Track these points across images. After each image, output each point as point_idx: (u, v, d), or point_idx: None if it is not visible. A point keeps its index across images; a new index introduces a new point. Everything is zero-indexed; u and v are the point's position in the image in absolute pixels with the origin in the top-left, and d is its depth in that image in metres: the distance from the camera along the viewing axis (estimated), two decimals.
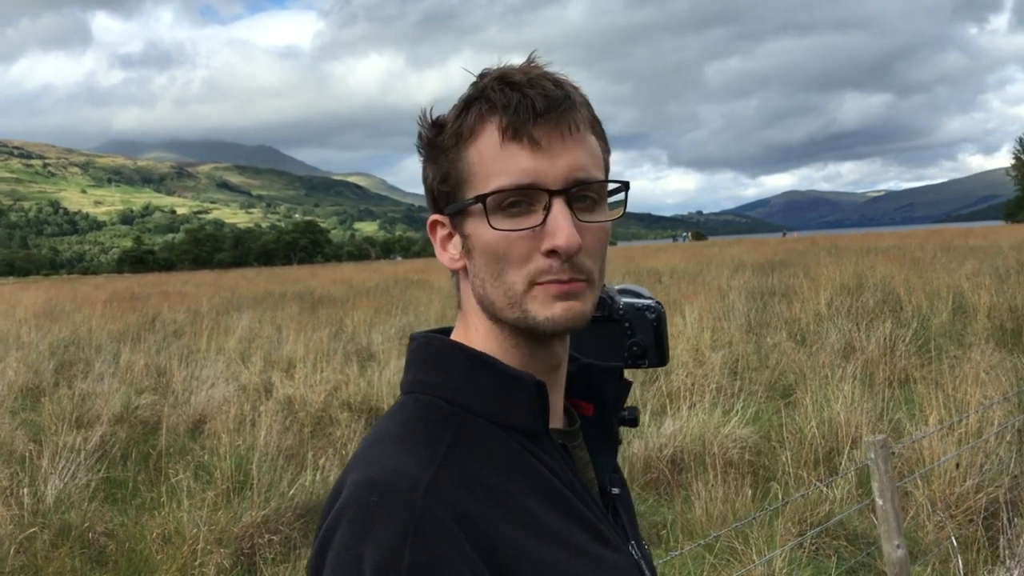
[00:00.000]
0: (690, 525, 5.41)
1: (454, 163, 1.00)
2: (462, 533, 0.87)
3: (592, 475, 1.10)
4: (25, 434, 8.85)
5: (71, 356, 15.19)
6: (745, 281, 19.99)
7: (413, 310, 18.36)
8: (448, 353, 1.03)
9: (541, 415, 1.00)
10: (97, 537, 5.96)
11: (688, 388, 8.48)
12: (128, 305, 26.10)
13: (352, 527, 0.87)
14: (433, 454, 0.93)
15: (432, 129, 1.03)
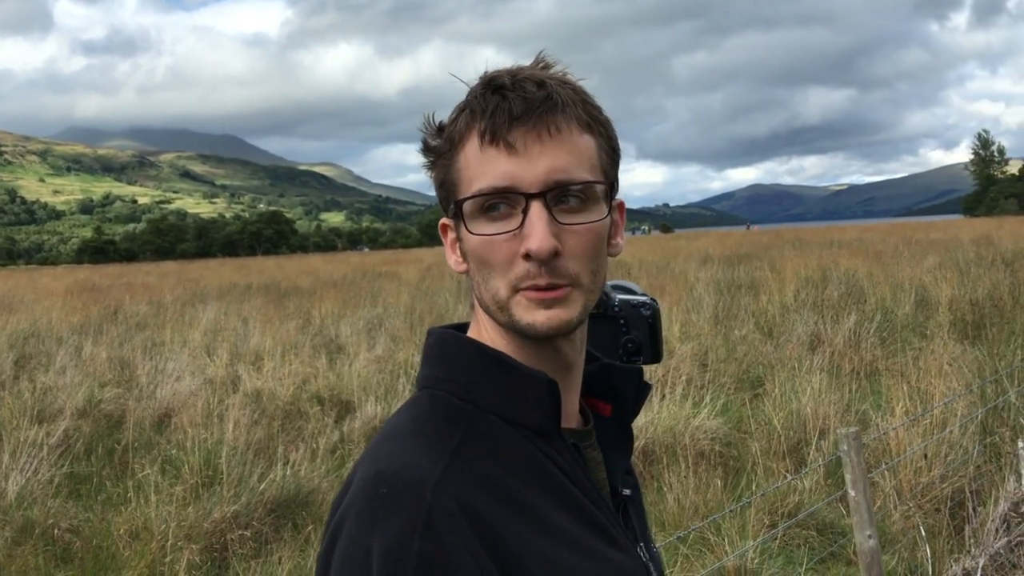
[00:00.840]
0: (662, 516, 5.44)
1: (448, 168, 1.01)
2: (470, 527, 0.88)
3: (603, 475, 1.10)
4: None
5: (31, 349, 14.95)
6: (712, 274, 20.11)
7: (382, 302, 18.28)
8: (463, 350, 1.04)
9: (553, 414, 1.00)
10: (62, 534, 5.87)
11: (659, 380, 8.52)
12: (89, 296, 25.76)
13: (361, 519, 0.88)
14: (444, 449, 0.94)
15: (434, 134, 1.04)
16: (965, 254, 20.19)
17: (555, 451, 1.00)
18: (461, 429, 0.96)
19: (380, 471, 0.91)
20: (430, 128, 1.04)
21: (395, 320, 14.99)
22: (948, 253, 21.23)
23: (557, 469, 0.99)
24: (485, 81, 1.00)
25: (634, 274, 21.33)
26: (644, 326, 1.28)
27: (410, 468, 0.90)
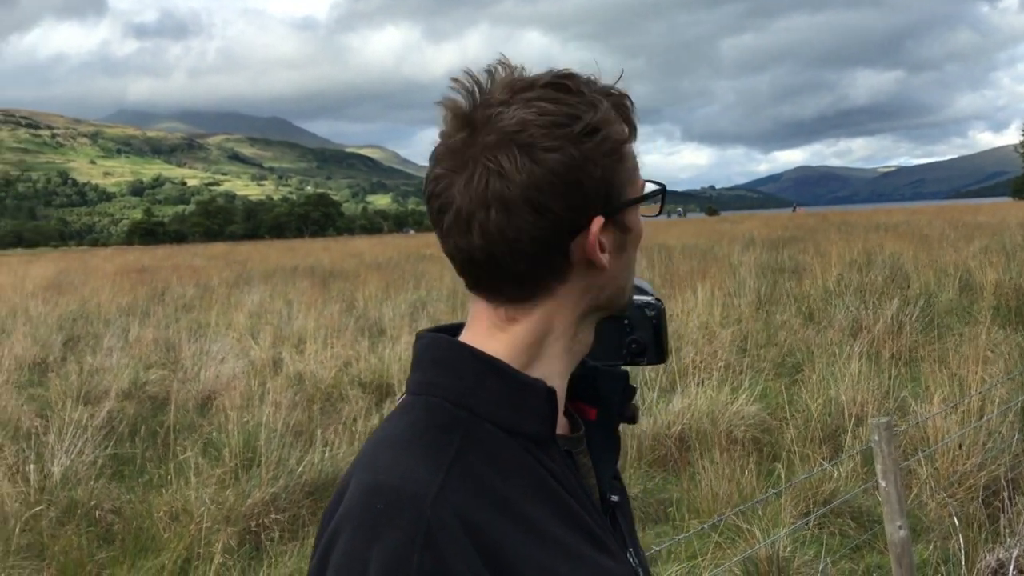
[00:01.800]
0: (696, 503, 5.43)
1: (628, 159, 1.02)
2: (469, 540, 0.87)
3: (594, 482, 1.09)
4: (32, 410, 8.91)
5: (79, 330, 15.27)
6: (756, 257, 19.94)
7: (425, 285, 18.37)
8: (456, 355, 1.01)
9: (550, 422, 1.00)
10: (104, 515, 6.00)
11: (697, 365, 8.48)
12: (138, 278, 26.22)
13: (358, 532, 0.87)
14: (441, 460, 0.92)
15: (604, 129, 0.99)
16: (1012, 237, 19.80)
17: (550, 459, 1.00)
18: (458, 438, 0.95)
19: (377, 482, 0.90)
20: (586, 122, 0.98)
21: (437, 303, 15.06)
22: (995, 237, 20.84)
23: (552, 477, 0.99)
24: (607, 86, 1.03)
25: (676, 258, 21.19)
26: (648, 326, 1.27)
27: (408, 480, 0.89)
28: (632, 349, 1.27)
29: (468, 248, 0.97)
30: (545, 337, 1.02)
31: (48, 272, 33.23)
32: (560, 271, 1.00)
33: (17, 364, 11.94)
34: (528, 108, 0.95)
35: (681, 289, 13.44)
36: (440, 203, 0.98)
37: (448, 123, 0.98)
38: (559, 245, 0.97)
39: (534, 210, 0.94)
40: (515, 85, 0.98)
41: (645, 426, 6.56)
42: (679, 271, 16.83)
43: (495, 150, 0.94)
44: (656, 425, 6.57)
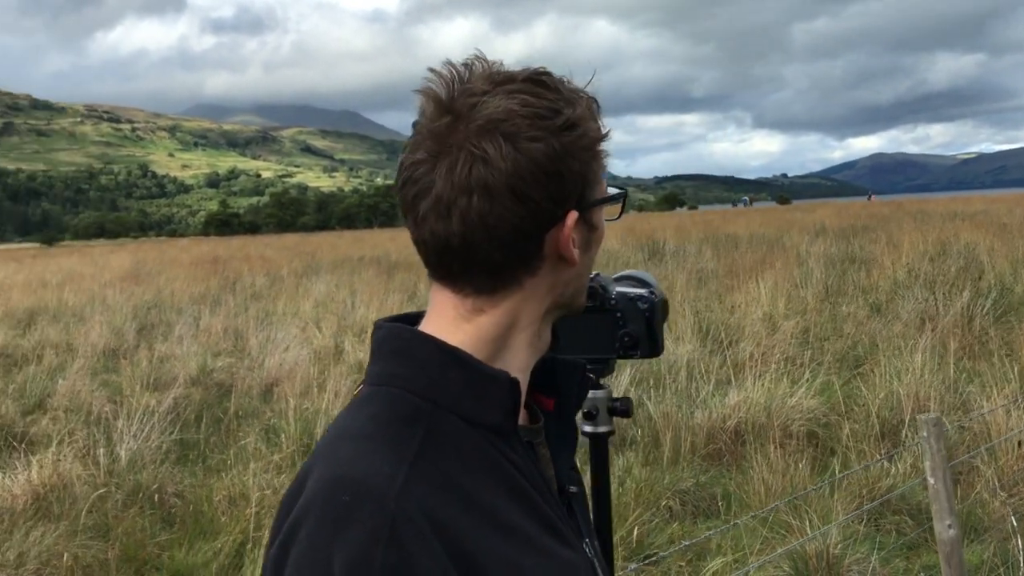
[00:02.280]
0: (747, 498, 5.37)
1: (600, 159, 1.04)
2: (434, 535, 0.87)
3: (552, 472, 1.09)
4: (104, 395, 9.18)
5: (153, 318, 15.68)
6: (825, 247, 19.56)
7: None
8: (418, 346, 1.00)
9: (512, 413, 0.99)
10: (167, 498, 6.16)
11: (757, 358, 8.36)
12: (211, 268, 26.77)
13: (321, 526, 0.86)
14: (405, 452, 0.92)
15: (583, 125, 1.01)
16: None
17: (512, 450, 1.00)
18: (421, 430, 0.94)
19: (341, 475, 0.89)
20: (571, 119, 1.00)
21: None
22: None
23: (514, 469, 0.99)
24: (578, 87, 1.04)
25: (742, 248, 20.91)
26: (641, 320, 1.27)
27: (372, 474, 0.89)
28: (625, 343, 1.27)
29: (445, 234, 0.96)
30: (510, 330, 1.02)
31: (126, 262, 34.14)
32: (532, 264, 1.00)
33: (93, 351, 12.33)
34: (511, 99, 0.96)
35: (745, 280, 13.26)
36: (418, 189, 0.97)
37: (428, 110, 0.98)
38: (535, 236, 0.98)
39: (516, 198, 0.95)
40: (495, 78, 0.99)
41: (700, 419, 6.50)
42: (743, 261, 16.60)
43: (479, 137, 0.94)
44: (711, 419, 6.51)
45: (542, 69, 1.02)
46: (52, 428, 7.80)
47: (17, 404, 8.78)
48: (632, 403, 1.34)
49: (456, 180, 0.95)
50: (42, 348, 12.68)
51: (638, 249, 22.92)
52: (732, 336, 9.39)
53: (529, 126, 0.95)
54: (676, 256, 20.50)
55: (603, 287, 1.28)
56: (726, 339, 9.15)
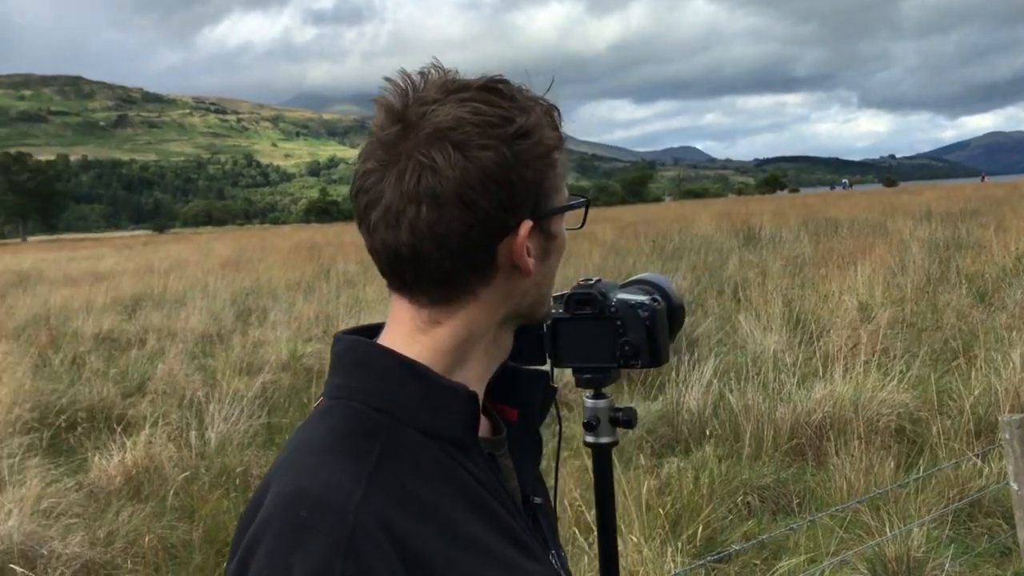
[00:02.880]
0: (828, 496, 5.22)
1: (557, 166, 1.03)
2: (392, 548, 0.87)
3: (515, 484, 1.08)
4: (200, 379, 9.47)
5: (250, 304, 16.09)
6: (929, 232, 18.86)
7: (573, 262, 18.34)
8: (377, 359, 1.00)
9: (471, 426, 0.99)
10: (252, 481, 6.31)
11: (847, 350, 8.11)
12: (307, 255, 27.36)
13: (279, 541, 0.87)
14: (363, 466, 0.92)
15: (536, 133, 1.00)
16: None
17: (472, 462, 0.99)
18: (379, 443, 0.94)
19: (300, 490, 0.89)
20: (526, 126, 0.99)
21: None
22: None
23: (475, 481, 0.98)
24: (537, 95, 1.03)
25: (843, 233, 20.32)
26: (641, 328, 1.23)
27: (331, 487, 0.89)
28: (625, 352, 1.23)
29: (395, 244, 0.96)
30: (467, 341, 1.01)
31: (229, 249, 35.16)
32: (485, 274, 0.98)
33: (191, 336, 12.74)
34: (463, 107, 0.95)
35: (841, 267, 12.90)
36: (368, 198, 0.97)
37: (380, 119, 0.98)
38: (486, 245, 0.97)
39: (465, 207, 0.94)
40: (448, 86, 0.97)
41: (783, 413, 6.34)
42: (841, 247, 16.14)
43: (428, 146, 0.94)
44: (795, 412, 6.34)
45: (498, 77, 1.00)
46: (148, 411, 8.08)
47: (118, 387, 9.11)
48: (636, 413, 1.30)
49: (405, 189, 0.94)
50: (145, 333, 13.13)
51: (733, 235, 22.53)
52: (823, 326, 9.14)
53: (479, 134, 0.94)
54: (772, 242, 20.07)
55: (603, 294, 1.24)
56: (816, 329, 8.91)
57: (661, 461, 6.09)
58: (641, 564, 4.21)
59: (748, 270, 14.22)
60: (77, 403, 8.13)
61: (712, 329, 9.58)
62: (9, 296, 19.14)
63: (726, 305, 11.54)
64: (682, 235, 23.53)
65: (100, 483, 6.07)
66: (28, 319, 14.53)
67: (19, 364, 8.91)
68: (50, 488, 5.53)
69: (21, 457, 6.11)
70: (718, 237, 22.34)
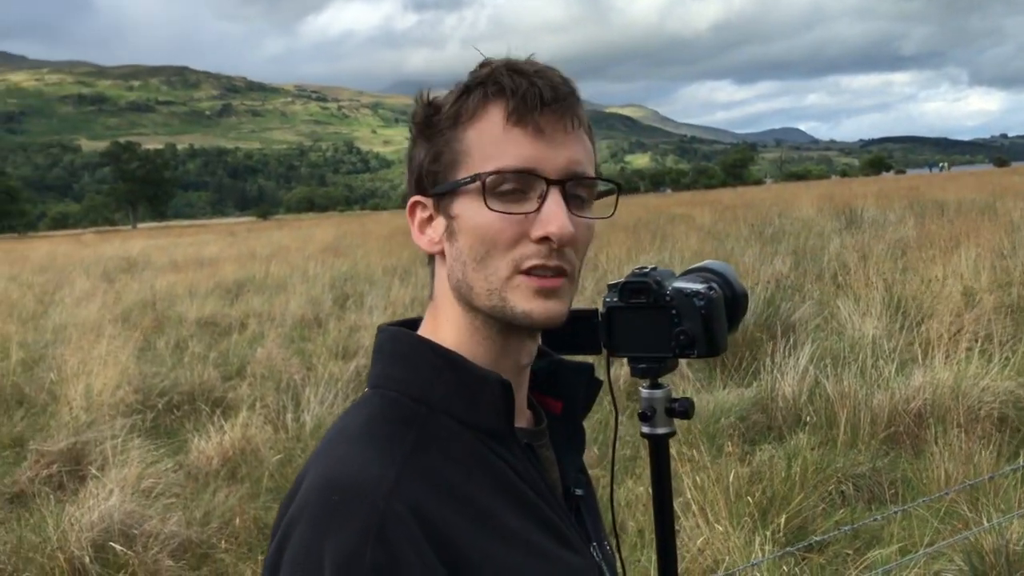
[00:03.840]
0: (925, 485, 5.05)
1: (449, 143, 0.99)
2: (424, 535, 0.87)
3: (557, 476, 1.08)
4: (298, 363, 9.69)
5: (348, 289, 16.39)
6: None
7: (670, 246, 18.14)
8: (414, 349, 1.02)
9: (506, 415, 0.99)
10: None
11: (949, 335, 7.83)
12: (404, 241, 27.66)
13: (312, 526, 0.88)
14: (396, 453, 0.93)
15: (427, 108, 1.03)
16: None
17: (508, 452, 0.99)
18: (414, 432, 0.95)
19: (332, 476, 0.91)
20: (420, 102, 1.04)
21: (680, 266, 14.78)
22: None
23: (511, 471, 0.98)
24: (505, 64, 1.00)
25: (949, 215, 19.58)
26: (697, 317, 1.20)
27: (363, 474, 0.90)
28: (680, 341, 1.21)
29: None
30: (459, 330, 1.04)
31: (329, 235, 35.86)
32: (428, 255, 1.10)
33: (291, 320, 13.06)
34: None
35: (946, 250, 12.44)
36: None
37: None
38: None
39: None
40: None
41: (880, 400, 6.16)
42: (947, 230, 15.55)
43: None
44: (893, 400, 6.15)
45: (483, 61, 1.04)
46: (247, 394, 8.30)
47: (219, 371, 9.39)
48: (693, 404, 1.27)
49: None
50: (246, 317, 13.51)
51: (834, 217, 21.95)
52: (925, 312, 8.83)
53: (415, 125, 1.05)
54: (875, 225, 19.49)
55: (658, 282, 1.22)
56: (917, 315, 8.62)
57: (753, 448, 5.99)
58: (727, 553, 4.15)
59: (849, 254, 13.83)
60: (179, 386, 8.41)
61: (810, 314, 9.35)
62: (118, 281, 19.94)
63: (825, 290, 11.27)
64: (782, 218, 23.05)
65: (198, 464, 6.27)
66: (135, 303, 15.10)
67: (124, 347, 9.25)
68: (150, 469, 5.73)
69: (124, 438, 6.34)
70: (819, 220, 21.80)
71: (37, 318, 14.12)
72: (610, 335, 1.24)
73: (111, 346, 8.91)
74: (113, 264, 26.16)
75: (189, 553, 4.84)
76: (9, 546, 4.85)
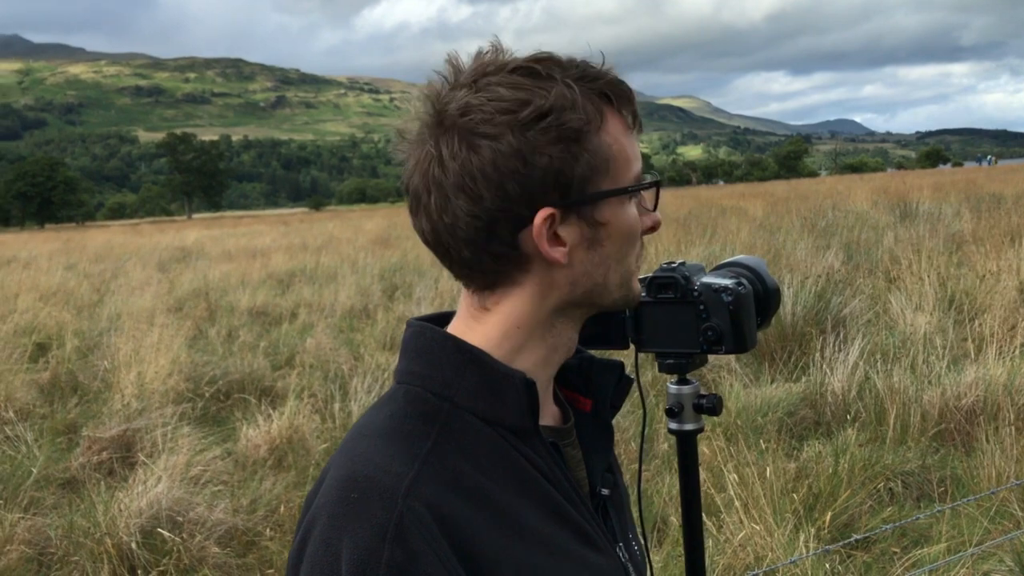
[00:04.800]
0: (975, 484, 4.95)
1: (592, 149, 0.96)
2: (442, 533, 0.87)
3: (583, 474, 1.07)
4: (346, 353, 9.78)
5: (397, 280, 16.49)
6: None
7: (721, 238, 17.97)
8: (439, 345, 1.01)
9: (530, 413, 0.98)
10: None
11: (1005, 331, 7.66)
12: None
13: (331, 523, 0.89)
14: (417, 451, 0.92)
15: (555, 115, 0.94)
16: None
17: (532, 451, 0.98)
18: (436, 429, 0.95)
19: (352, 474, 0.91)
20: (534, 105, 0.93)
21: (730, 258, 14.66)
22: None
23: (534, 469, 0.97)
24: (600, 69, 1.00)
25: (1006, 207, 19.14)
26: (724, 313, 1.19)
27: (382, 472, 0.90)
28: (708, 337, 1.20)
29: (421, 230, 1.00)
30: (517, 330, 1.00)
31: (380, 226, 36.06)
32: (517, 262, 0.97)
33: (340, 311, 13.18)
34: (482, 93, 0.94)
35: (1002, 245, 12.16)
36: (404, 183, 1.00)
37: (420, 107, 0.99)
38: (500, 235, 0.95)
39: (469, 198, 0.93)
40: (485, 69, 0.97)
41: (931, 397, 6.05)
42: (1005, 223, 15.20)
43: (440, 135, 0.95)
44: (944, 396, 6.04)
45: (541, 55, 0.98)
46: (296, 383, 8.40)
47: (268, 360, 9.51)
48: (721, 401, 1.26)
49: (420, 178, 0.97)
50: (297, 307, 13.66)
51: (889, 211, 21.58)
52: (979, 307, 8.66)
53: (486, 122, 0.92)
54: (930, 218, 19.11)
55: (685, 277, 1.21)
56: (971, 310, 8.45)
57: (801, 444, 5.93)
58: (770, 549, 4.11)
59: (902, 247, 13.59)
60: (229, 374, 8.53)
61: (861, 309, 9.21)
62: (172, 271, 20.27)
63: (877, 284, 11.09)
64: (836, 211, 22.71)
65: (246, 452, 6.36)
66: (188, 293, 15.34)
67: (176, 336, 9.40)
68: (198, 456, 5.82)
69: (174, 426, 6.46)
70: (873, 213, 21.44)
71: (93, 307, 14.40)
72: (638, 330, 1.24)
73: (163, 335, 9.06)
74: (168, 254, 26.60)
75: (235, 540, 4.90)
76: (60, 531, 4.97)
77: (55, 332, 11.32)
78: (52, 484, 6.01)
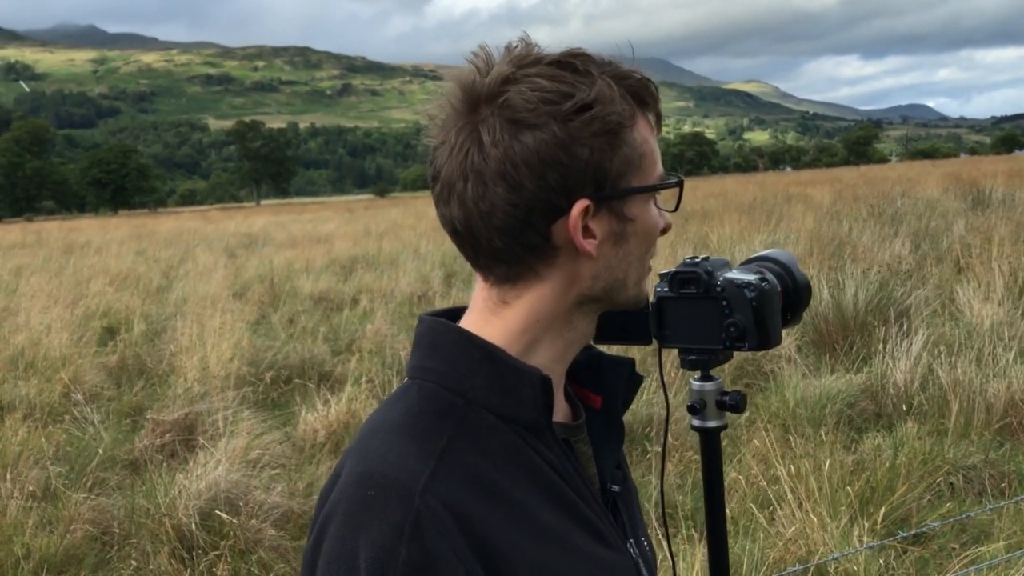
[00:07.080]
0: None
1: (629, 144, 0.97)
2: (458, 531, 0.87)
3: (594, 471, 1.06)
4: (405, 339, 9.84)
5: (457, 267, 16.57)
6: None
7: (784, 226, 17.69)
8: (454, 340, 1.00)
9: (544, 410, 0.97)
10: None
11: None
12: None
13: (348, 521, 0.88)
14: (433, 447, 0.92)
15: (598, 108, 0.94)
16: None
17: (545, 447, 0.98)
18: (451, 425, 0.94)
19: (368, 471, 0.91)
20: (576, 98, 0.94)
21: (794, 246, 14.44)
22: None
23: (547, 466, 0.97)
24: (629, 68, 1.00)
25: None
26: (747, 309, 1.17)
27: (398, 469, 0.90)
28: (731, 333, 1.18)
29: (450, 218, 0.98)
30: (536, 323, 1.00)
31: None
32: (544, 254, 0.97)
33: (400, 296, 13.29)
34: (523, 83, 0.94)
35: None
36: (432, 171, 1.00)
37: (452, 93, 0.99)
38: (535, 225, 0.95)
39: (509, 186, 0.93)
40: (522, 61, 0.96)
41: (996, 389, 5.90)
42: None
43: (480, 123, 0.94)
44: (1010, 389, 5.88)
45: (576, 50, 0.97)
46: (355, 369, 8.49)
47: (329, 345, 9.63)
48: (745, 398, 1.24)
49: (455, 164, 0.95)
50: (358, 293, 13.79)
51: (960, 198, 21.02)
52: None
53: (531, 112, 0.92)
54: (1003, 205, 18.57)
55: (708, 272, 1.20)
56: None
57: (860, 436, 5.83)
58: (823, 543, 4.05)
59: (972, 236, 13.24)
60: (289, 359, 8.65)
61: (927, 299, 9.01)
62: (238, 256, 20.63)
63: (944, 273, 10.83)
64: (905, 198, 22.20)
65: (304, 437, 6.45)
66: (253, 278, 15.60)
67: (239, 321, 9.57)
68: (258, 440, 5.92)
69: (235, 410, 6.58)
70: (944, 200, 20.91)
71: (161, 291, 14.74)
72: (660, 325, 1.22)
73: (227, 320, 9.23)
74: (235, 240, 27.08)
75: (291, 523, 4.98)
76: (123, 511, 5.10)
77: (124, 316, 11.61)
78: (117, 465, 6.17)
